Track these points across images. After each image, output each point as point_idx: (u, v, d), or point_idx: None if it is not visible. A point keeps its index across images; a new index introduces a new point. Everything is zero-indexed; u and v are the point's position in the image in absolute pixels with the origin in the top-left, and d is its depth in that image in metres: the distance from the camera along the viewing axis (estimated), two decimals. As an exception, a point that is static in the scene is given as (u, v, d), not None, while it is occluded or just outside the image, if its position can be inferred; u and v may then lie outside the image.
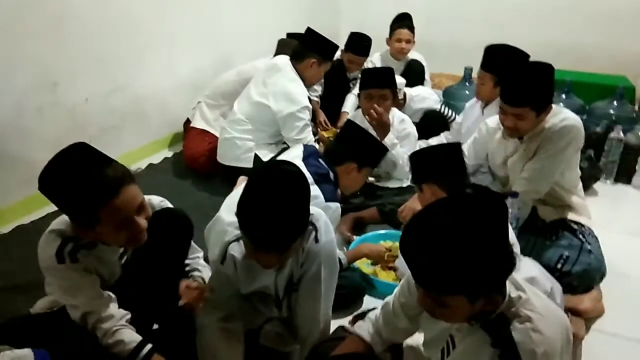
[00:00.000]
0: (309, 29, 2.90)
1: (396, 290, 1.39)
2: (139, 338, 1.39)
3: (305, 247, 1.41)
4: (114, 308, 1.40)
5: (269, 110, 2.75)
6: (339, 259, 1.84)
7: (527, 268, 1.59)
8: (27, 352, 1.13)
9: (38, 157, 2.55)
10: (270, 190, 1.23)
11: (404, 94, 3.22)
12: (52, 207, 2.53)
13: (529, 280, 1.50)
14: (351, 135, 2.10)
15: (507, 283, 1.13)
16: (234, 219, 1.37)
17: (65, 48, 2.65)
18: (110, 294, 1.42)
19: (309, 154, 2.00)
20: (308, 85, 2.89)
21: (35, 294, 1.60)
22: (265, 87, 2.80)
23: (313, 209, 1.39)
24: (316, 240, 1.41)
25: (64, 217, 1.37)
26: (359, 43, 3.46)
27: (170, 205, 1.62)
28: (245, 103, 2.86)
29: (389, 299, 1.40)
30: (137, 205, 1.31)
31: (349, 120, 2.34)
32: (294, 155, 2.00)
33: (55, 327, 1.36)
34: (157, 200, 1.57)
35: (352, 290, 1.92)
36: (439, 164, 1.77)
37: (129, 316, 1.42)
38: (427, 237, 1.01)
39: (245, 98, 2.89)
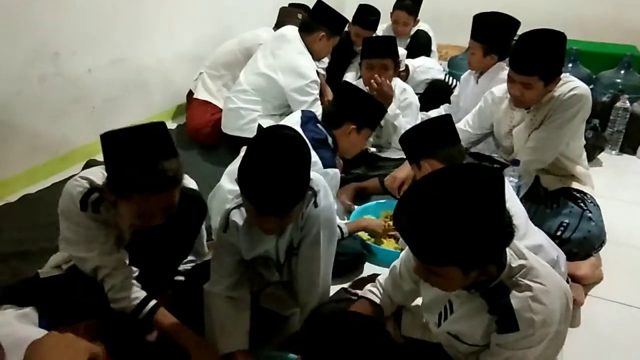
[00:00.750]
0: (319, 1, 2.86)
1: (402, 254, 1.41)
2: (144, 294, 1.42)
3: (305, 212, 1.42)
4: (124, 265, 1.42)
5: (275, 82, 2.74)
6: (340, 228, 1.86)
7: (534, 236, 1.60)
8: (30, 310, 1.16)
9: (42, 127, 2.61)
10: (271, 153, 1.24)
11: (406, 66, 3.19)
12: (58, 177, 2.63)
13: (536, 248, 1.53)
14: (348, 96, 2.06)
15: (508, 252, 1.13)
16: (235, 187, 1.38)
17: (66, 18, 2.63)
18: (123, 250, 1.44)
19: (307, 120, 1.98)
20: (316, 58, 2.87)
21: (42, 260, 1.63)
22: (274, 58, 2.78)
23: (312, 174, 1.40)
24: (315, 204, 1.42)
25: (100, 169, 1.37)
26: (367, 17, 3.39)
27: (193, 185, 1.61)
28: (252, 73, 2.84)
29: (396, 262, 1.42)
30: (166, 206, 1.32)
31: (345, 82, 2.31)
32: (293, 122, 1.98)
33: (62, 289, 1.39)
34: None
35: (351, 257, 1.94)
36: (434, 138, 1.75)
37: (136, 273, 1.44)
38: (420, 209, 1.02)
39: (251, 68, 2.87)
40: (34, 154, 2.60)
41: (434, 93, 3.12)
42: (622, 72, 3.38)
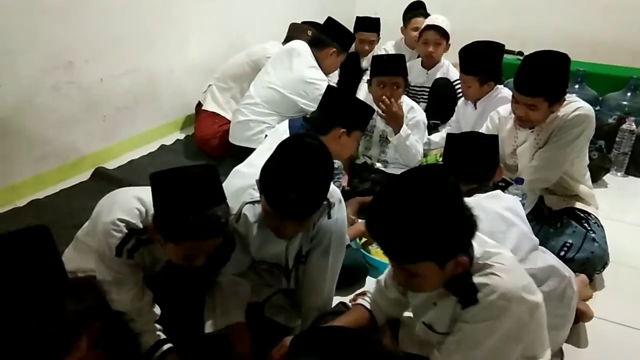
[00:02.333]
0: (329, 18, 2.92)
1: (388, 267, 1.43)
2: (158, 337, 1.44)
3: (318, 222, 1.45)
4: (149, 309, 1.45)
5: (287, 95, 2.78)
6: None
7: (544, 258, 1.61)
8: None
9: (53, 135, 2.66)
10: (296, 159, 1.29)
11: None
12: (66, 184, 2.66)
13: (549, 268, 1.55)
14: (335, 100, 1.98)
15: (475, 245, 1.18)
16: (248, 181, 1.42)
17: (80, 28, 2.68)
18: (149, 292, 1.45)
19: (296, 130, 1.93)
20: (325, 73, 2.91)
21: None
22: (285, 72, 2.82)
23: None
24: (329, 216, 1.45)
25: (134, 208, 1.36)
26: (366, 20, 3.50)
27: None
28: (262, 86, 2.88)
29: (382, 276, 1.45)
30: (212, 248, 1.33)
31: (329, 86, 2.29)
32: (280, 132, 1.91)
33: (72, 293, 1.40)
34: None
35: (354, 267, 1.93)
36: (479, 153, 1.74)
37: (158, 316, 1.47)
38: (387, 211, 1.08)
39: (261, 81, 2.91)
40: (43, 160, 2.64)
41: (438, 91, 3.14)
42: (629, 94, 3.39)
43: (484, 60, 2.51)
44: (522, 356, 1.20)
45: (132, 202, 1.37)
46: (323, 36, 2.89)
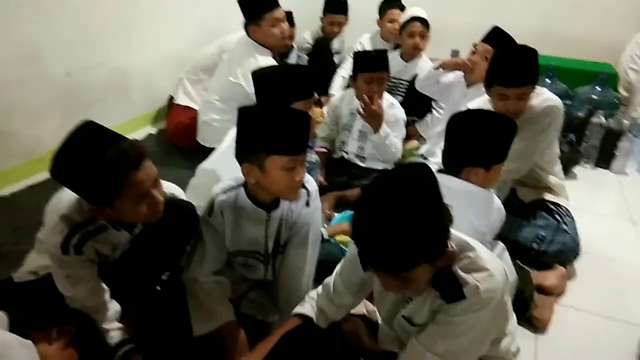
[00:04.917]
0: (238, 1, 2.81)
1: (337, 269, 1.42)
2: (121, 337, 1.44)
3: (296, 210, 1.45)
4: (108, 306, 1.45)
5: (241, 88, 2.68)
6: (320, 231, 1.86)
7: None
8: (1, 314, 1.14)
9: (20, 129, 2.57)
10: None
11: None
12: (32, 181, 2.59)
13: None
14: None
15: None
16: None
17: (47, 20, 2.59)
18: (105, 287, 1.44)
19: None
20: (273, 48, 2.78)
21: (14, 263, 1.60)
22: (236, 65, 2.75)
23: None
24: (307, 204, 1.46)
25: (73, 200, 1.33)
26: (335, 2, 3.52)
27: (178, 192, 1.61)
28: (217, 83, 2.83)
29: (330, 279, 1.43)
30: (154, 178, 1.31)
31: None
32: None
33: (37, 294, 1.37)
34: (166, 185, 1.52)
35: (332, 262, 1.89)
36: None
37: (118, 312, 1.46)
38: (379, 227, 1.01)
39: (217, 78, 2.87)
40: (11, 155, 2.55)
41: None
42: (598, 88, 3.46)
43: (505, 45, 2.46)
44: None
45: (71, 201, 1.35)
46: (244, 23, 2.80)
